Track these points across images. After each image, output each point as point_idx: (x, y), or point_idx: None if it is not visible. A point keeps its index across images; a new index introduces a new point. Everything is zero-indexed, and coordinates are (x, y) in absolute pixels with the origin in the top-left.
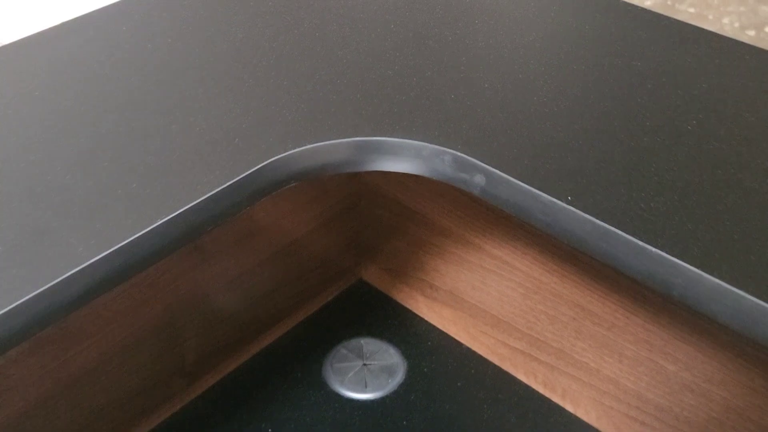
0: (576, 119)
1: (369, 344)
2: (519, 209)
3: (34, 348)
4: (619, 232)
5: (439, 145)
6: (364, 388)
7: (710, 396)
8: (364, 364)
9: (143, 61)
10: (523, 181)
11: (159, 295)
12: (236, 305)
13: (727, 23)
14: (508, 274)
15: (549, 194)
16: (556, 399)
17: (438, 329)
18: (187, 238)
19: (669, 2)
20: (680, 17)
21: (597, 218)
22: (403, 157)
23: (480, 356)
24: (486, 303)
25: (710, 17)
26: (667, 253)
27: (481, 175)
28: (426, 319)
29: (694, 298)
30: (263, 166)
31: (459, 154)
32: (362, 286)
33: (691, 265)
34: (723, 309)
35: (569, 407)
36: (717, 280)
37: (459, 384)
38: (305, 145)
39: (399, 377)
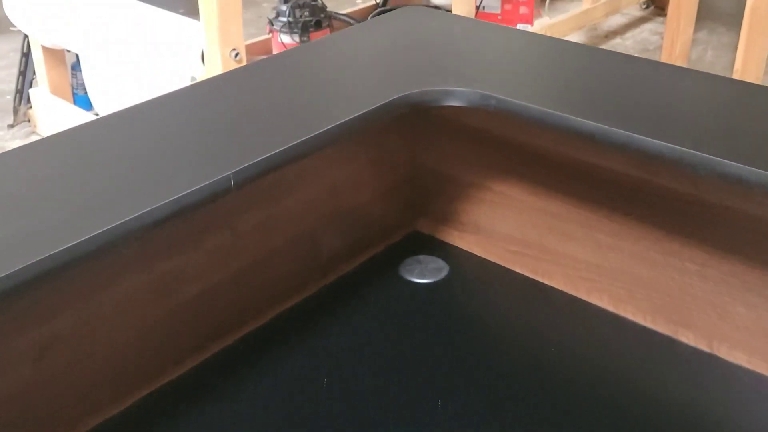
0: (542, 80)
1: (425, 258)
2: (515, 114)
3: (257, 226)
4: (563, 114)
5: (473, 89)
6: (423, 277)
7: (620, 248)
8: (423, 266)
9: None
10: (517, 99)
11: (311, 211)
12: (343, 233)
13: None
14: (508, 202)
15: (533, 104)
16: (539, 278)
17: (465, 250)
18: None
19: None
20: None
21: (554, 110)
22: (457, 97)
23: (492, 262)
24: (495, 226)
25: None
26: (586, 119)
27: (495, 99)
28: (457, 245)
29: (601, 137)
30: (397, 98)
31: (482, 91)
32: (417, 233)
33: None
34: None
35: (547, 282)
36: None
37: (480, 279)
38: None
39: (444, 273)
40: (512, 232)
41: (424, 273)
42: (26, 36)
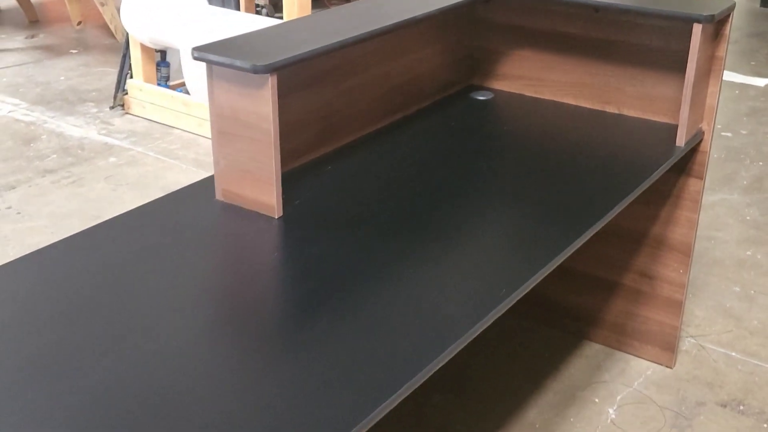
0: None
1: (480, 91)
2: None
3: (414, 60)
4: None
5: None
6: (480, 96)
7: (575, 71)
8: (479, 93)
9: None
10: None
11: (428, 62)
12: (438, 78)
13: None
14: (522, 60)
15: None
16: (537, 95)
17: (499, 89)
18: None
19: None
20: None
21: None
22: None
23: (514, 92)
24: (515, 72)
25: None
26: None
27: None
28: (495, 87)
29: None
30: None
31: None
32: (474, 84)
33: None
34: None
35: (540, 96)
36: None
37: (508, 100)
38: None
39: (491, 96)
40: (524, 74)
41: (481, 95)
42: (127, 41)
